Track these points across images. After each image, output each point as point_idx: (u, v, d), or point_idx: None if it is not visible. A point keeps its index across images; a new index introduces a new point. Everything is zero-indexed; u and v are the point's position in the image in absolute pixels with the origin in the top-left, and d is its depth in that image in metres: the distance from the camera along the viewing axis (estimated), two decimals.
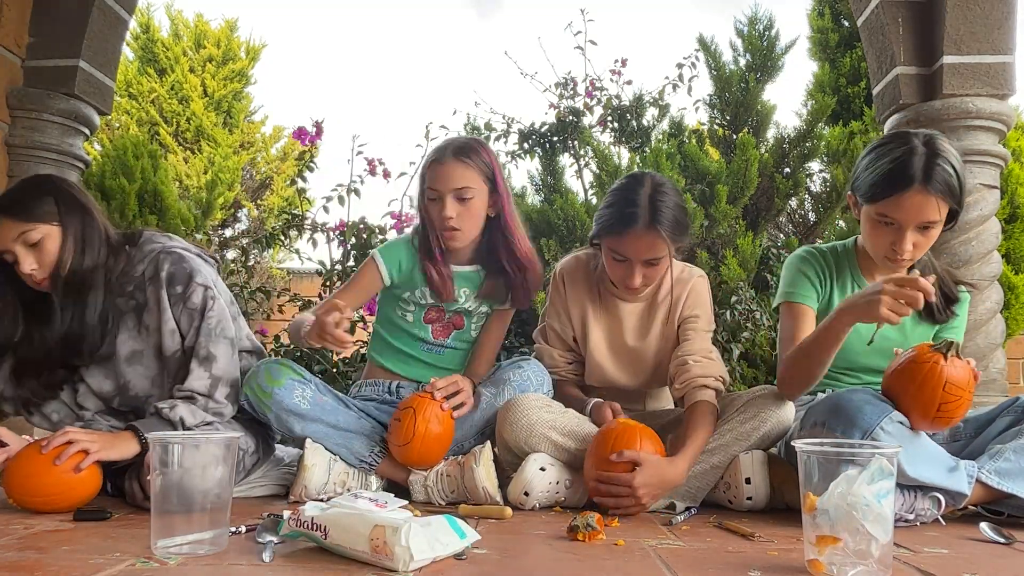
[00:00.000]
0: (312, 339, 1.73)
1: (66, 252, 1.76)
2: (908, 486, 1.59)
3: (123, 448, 1.68)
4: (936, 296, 1.79)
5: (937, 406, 1.55)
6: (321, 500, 1.61)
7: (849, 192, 1.83)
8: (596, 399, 1.97)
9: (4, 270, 1.79)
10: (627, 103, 3.97)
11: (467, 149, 1.98)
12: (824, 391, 1.92)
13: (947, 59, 2.82)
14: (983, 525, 1.54)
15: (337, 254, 3.45)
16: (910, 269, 1.87)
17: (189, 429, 1.73)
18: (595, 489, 1.72)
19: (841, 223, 3.93)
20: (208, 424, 1.77)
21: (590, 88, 3.98)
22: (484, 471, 1.78)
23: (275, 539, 1.32)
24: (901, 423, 1.56)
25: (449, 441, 1.85)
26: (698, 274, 2.06)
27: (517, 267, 2.04)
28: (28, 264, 1.73)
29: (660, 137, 3.94)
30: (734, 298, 3.12)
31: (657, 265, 1.89)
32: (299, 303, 3.44)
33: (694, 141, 3.85)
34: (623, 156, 3.94)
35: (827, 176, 4.08)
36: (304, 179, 3.67)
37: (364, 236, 3.39)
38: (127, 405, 1.89)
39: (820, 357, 1.68)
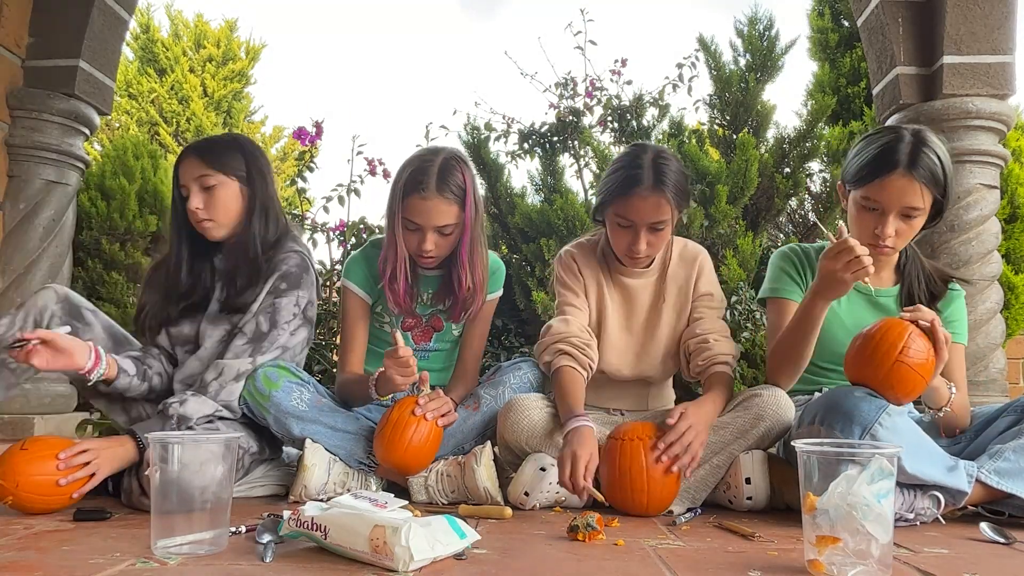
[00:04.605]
0: (396, 381, 1.77)
1: (248, 213, 1.91)
2: (908, 485, 1.59)
3: (123, 458, 1.67)
4: (920, 291, 1.89)
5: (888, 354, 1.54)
6: (321, 500, 1.61)
7: (839, 182, 1.88)
8: (577, 424, 1.73)
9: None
10: (627, 103, 3.97)
11: (449, 178, 1.88)
12: (820, 389, 1.92)
13: (947, 59, 2.82)
14: (983, 525, 1.54)
15: (337, 254, 3.46)
16: (899, 266, 1.92)
17: (192, 421, 1.73)
18: (670, 462, 1.66)
19: (841, 223, 3.92)
20: (213, 420, 1.78)
21: (590, 88, 3.98)
22: (485, 471, 1.78)
23: (275, 539, 1.32)
24: (899, 417, 1.56)
25: (434, 449, 1.83)
26: (703, 251, 2.08)
27: (464, 285, 1.98)
28: (195, 202, 1.87)
29: (660, 137, 3.94)
30: (734, 298, 3.12)
31: (662, 231, 1.89)
32: None
33: (694, 141, 3.85)
34: None
35: (827, 176, 4.09)
36: (304, 179, 3.67)
37: (364, 236, 3.39)
38: (192, 355, 1.94)
39: (802, 343, 1.76)
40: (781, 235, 4.36)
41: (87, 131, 3.27)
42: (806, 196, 4.24)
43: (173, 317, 1.96)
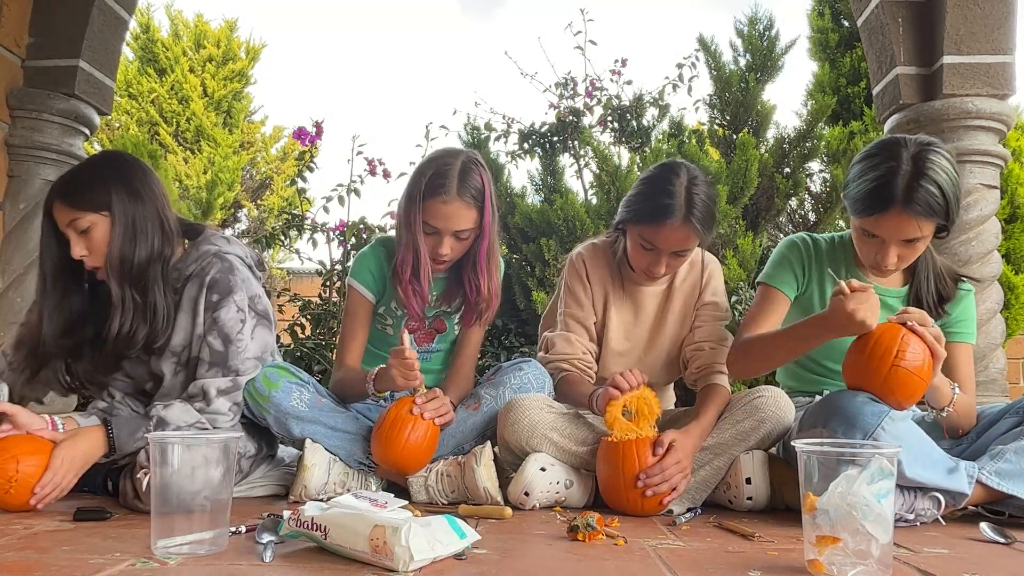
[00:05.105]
0: (397, 381, 1.78)
1: (115, 242, 1.73)
2: (908, 486, 1.59)
3: (89, 455, 1.68)
4: (929, 293, 1.85)
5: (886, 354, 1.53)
6: (321, 500, 1.61)
7: (843, 192, 1.83)
8: (598, 389, 1.84)
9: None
10: (627, 103, 3.97)
11: (469, 181, 1.87)
12: (821, 391, 1.92)
13: (947, 59, 2.82)
14: (983, 525, 1.54)
15: (337, 254, 3.46)
16: (909, 266, 1.86)
17: (171, 427, 1.71)
18: (645, 488, 1.67)
19: (841, 223, 3.93)
20: (203, 428, 1.75)
21: (590, 88, 3.98)
22: (485, 471, 1.77)
23: (275, 539, 1.32)
24: (901, 422, 1.56)
25: (432, 448, 1.82)
26: (714, 260, 2.08)
27: (477, 291, 1.97)
28: (78, 250, 1.73)
29: (660, 137, 3.94)
30: (734, 298, 3.12)
31: (684, 256, 1.90)
32: (299, 303, 3.44)
33: (694, 141, 3.85)
34: (623, 156, 3.94)
35: (827, 176, 4.09)
36: (304, 179, 3.67)
37: (364, 236, 3.39)
38: (156, 391, 1.90)
39: (783, 357, 1.82)
40: (781, 235, 4.36)
41: (87, 131, 3.26)
42: (806, 196, 4.24)
43: (112, 363, 1.85)
